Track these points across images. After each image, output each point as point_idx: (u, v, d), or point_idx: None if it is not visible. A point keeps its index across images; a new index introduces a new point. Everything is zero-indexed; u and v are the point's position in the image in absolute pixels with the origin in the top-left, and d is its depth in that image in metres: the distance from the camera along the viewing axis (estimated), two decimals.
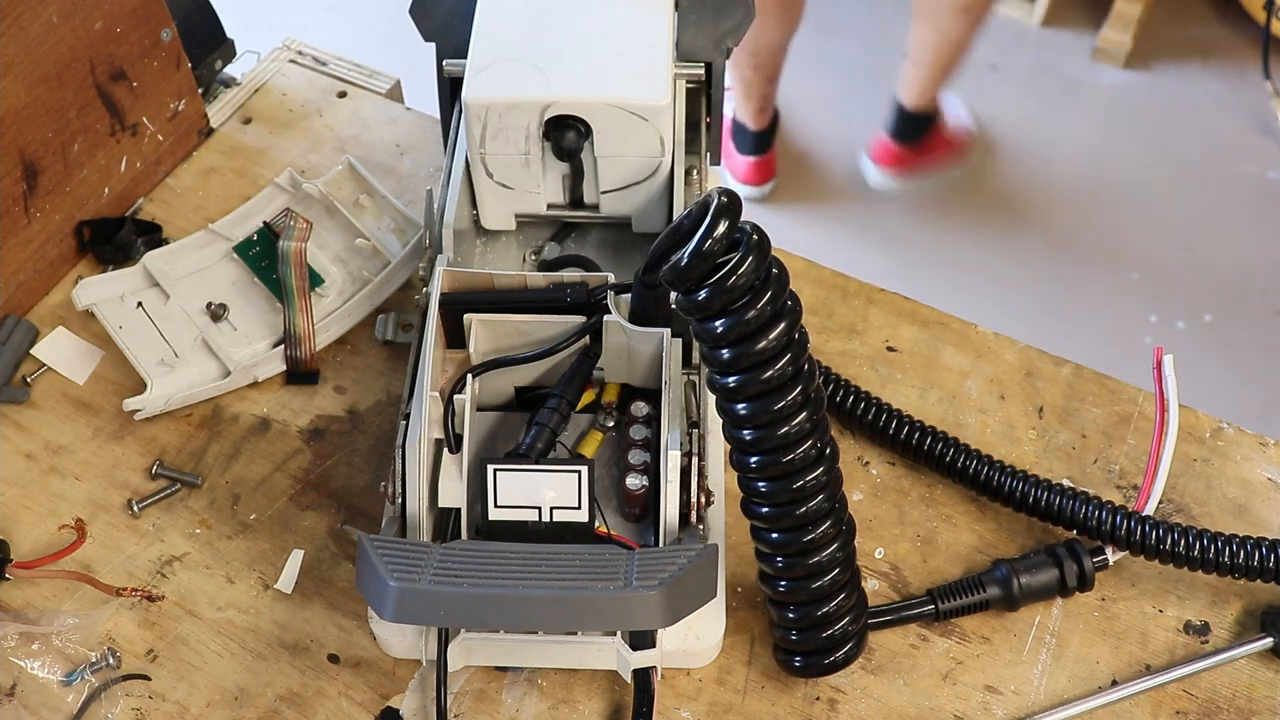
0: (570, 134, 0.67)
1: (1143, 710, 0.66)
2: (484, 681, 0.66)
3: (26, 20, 0.74)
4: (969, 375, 0.78)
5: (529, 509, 0.61)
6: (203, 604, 0.69)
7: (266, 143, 0.90)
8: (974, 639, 0.68)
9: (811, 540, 0.59)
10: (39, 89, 0.76)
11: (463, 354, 0.67)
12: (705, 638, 0.65)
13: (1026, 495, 0.69)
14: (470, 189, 0.72)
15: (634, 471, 0.65)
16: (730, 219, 0.54)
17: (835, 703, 0.66)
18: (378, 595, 0.56)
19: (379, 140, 0.90)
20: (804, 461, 0.58)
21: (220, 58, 0.93)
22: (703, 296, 0.54)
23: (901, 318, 0.81)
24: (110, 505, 0.73)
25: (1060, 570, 0.67)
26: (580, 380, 0.66)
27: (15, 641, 0.67)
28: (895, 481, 0.74)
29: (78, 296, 0.78)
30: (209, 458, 0.75)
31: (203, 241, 0.81)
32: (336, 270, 0.80)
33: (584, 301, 0.66)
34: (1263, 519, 0.72)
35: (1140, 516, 0.67)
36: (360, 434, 0.76)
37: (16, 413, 0.77)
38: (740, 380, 0.56)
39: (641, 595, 0.55)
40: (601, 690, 0.66)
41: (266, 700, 0.66)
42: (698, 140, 0.75)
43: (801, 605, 0.62)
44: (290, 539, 0.71)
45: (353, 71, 0.95)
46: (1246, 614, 0.68)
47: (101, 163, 0.83)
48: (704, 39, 0.73)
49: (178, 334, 0.77)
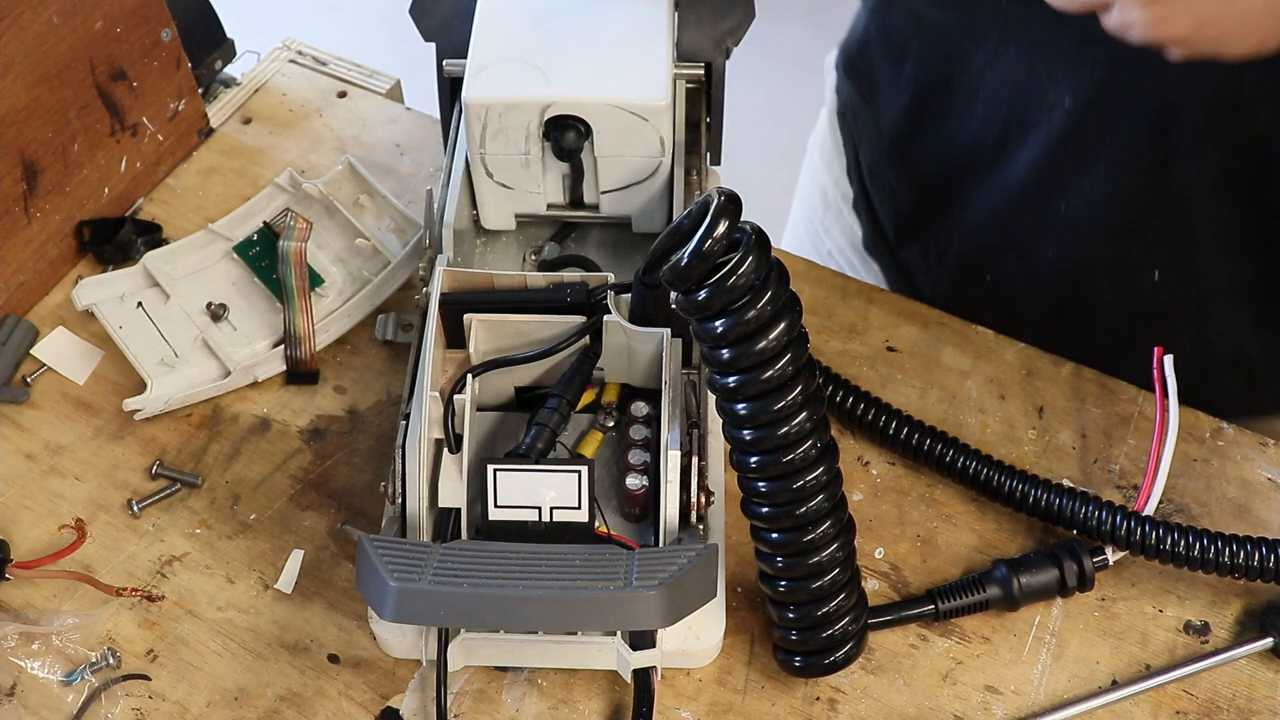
0: (570, 134, 0.67)
1: (1143, 710, 0.66)
2: (484, 681, 0.66)
3: (26, 20, 0.74)
4: (969, 375, 0.78)
5: (529, 509, 0.61)
6: (203, 604, 0.69)
7: (266, 143, 0.90)
8: (974, 639, 0.68)
9: (811, 540, 0.59)
10: (39, 89, 0.76)
11: (463, 354, 0.67)
12: (705, 638, 0.65)
13: (1026, 495, 0.69)
14: (470, 189, 0.72)
15: (634, 471, 0.65)
16: (730, 219, 0.54)
17: (835, 703, 0.66)
18: (378, 595, 0.56)
19: (379, 140, 0.90)
20: (804, 461, 0.58)
21: (220, 58, 0.93)
22: (703, 296, 0.54)
23: (901, 318, 0.81)
24: (110, 505, 0.73)
25: (1060, 570, 0.67)
26: (580, 380, 0.66)
27: (15, 641, 0.67)
28: (895, 481, 0.74)
29: (78, 296, 0.78)
30: (209, 458, 0.75)
31: (203, 241, 0.81)
32: (336, 270, 0.80)
33: (584, 301, 0.66)
34: (1263, 519, 0.72)
35: (1140, 516, 0.67)
36: (360, 434, 0.76)
37: (16, 413, 0.77)
38: (740, 380, 0.56)
39: (641, 595, 0.55)
40: (601, 690, 0.66)
41: (266, 700, 0.66)
42: (698, 140, 0.75)
43: (801, 605, 0.62)
44: (290, 539, 0.71)
45: (353, 71, 0.95)
46: (1246, 614, 0.68)
47: (101, 163, 0.83)
48: (704, 39, 0.73)
49: (178, 334, 0.77)
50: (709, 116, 0.76)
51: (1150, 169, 0.74)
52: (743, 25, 0.74)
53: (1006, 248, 0.82)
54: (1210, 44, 0.54)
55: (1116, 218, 0.77)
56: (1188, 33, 0.53)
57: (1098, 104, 0.72)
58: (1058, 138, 0.75)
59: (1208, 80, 0.68)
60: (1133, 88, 0.70)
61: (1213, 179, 0.74)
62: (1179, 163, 0.73)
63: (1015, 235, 0.81)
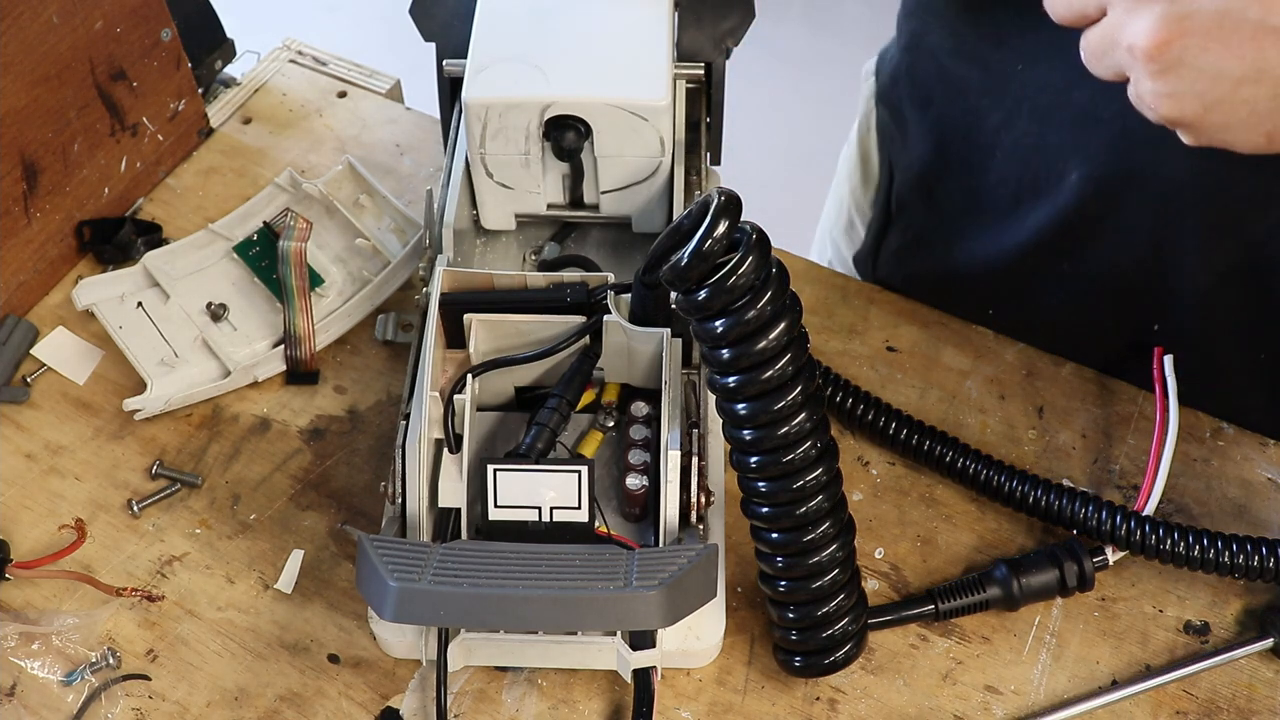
0: (570, 134, 0.67)
1: (1143, 710, 0.66)
2: (484, 681, 0.66)
3: (26, 20, 0.74)
4: (969, 375, 0.78)
5: (529, 509, 0.61)
6: (203, 604, 0.69)
7: (266, 143, 0.90)
8: (974, 639, 0.68)
9: (811, 540, 0.59)
10: (39, 89, 0.76)
11: (463, 354, 0.67)
12: (705, 638, 0.65)
13: (1026, 495, 0.69)
14: (470, 189, 0.72)
15: (634, 471, 0.65)
16: (730, 219, 0.54)
17: (835, 703, 0.66)
18: (378, 595, 0.56)
19: (379, 140, 0.90)
20: (804, 461, 0.58)
21: (220, 58, 0.93)
22: (703, 296, 0.54)
23: (901, 318, 0.81)
24: (110, 505, 0.73)
25: (1060, 570, 0.67)
26: (580, 380, 0.66)
27: (15, 641, 0.67)
28: (895, 481, 0.74)
29: (78, 296, 0.78)
30: (209, 458, 0.75)
31: (203, 241, 0.81)
32: (336, 270, 0.80)
33: (584, 301, 0.66)
34: (1263, 519, 0.72)
35: (1140, 516, 0.67)
36: (360, 434, 0.76)
37: (16, 413, 0.77)
38: (740, 380, 0.56)
39: (641, 595, 0.55)
40: (601, 690, 0.66)
41: (266, 700, 0.66)
42: (698, 140, 0.75)
43: (801, 605, 0.62)
44: (290, 539, 0.71)
45: (353, 71, 0.95)
46: (1246, 614, 0.68)
47: (101, 163, 0.83)
48: (704, 39, 0.73)
49: (178, 334, 0.77)
50: (709, 116, 0.76)
51: (1154, 253, 0.74)
52: (743, 25, 0.74)
53: (1008, 295, 0.82)
54: (1219, 131, 0.53)
55: (1122, 284, 0.77)
56: (1196, 115, 0.53)
57: (1103, 183, 0.72)
58: (1066, 208, 0.75)
59: (1211, 178, 0.68)
60: (1138, 174, 0.71)
61: (1222, 271, 0.73)
62: (1184, 251, 0.73)
63: (1019, 285, 0.81)
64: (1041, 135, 0.74)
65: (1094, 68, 0.56)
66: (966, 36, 0.77)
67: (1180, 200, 0.70)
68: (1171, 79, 0.52)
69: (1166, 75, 0.52)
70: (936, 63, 0.81)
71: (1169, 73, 0.52)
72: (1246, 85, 0.51)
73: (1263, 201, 0.68)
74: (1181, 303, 0.75)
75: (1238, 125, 0.53)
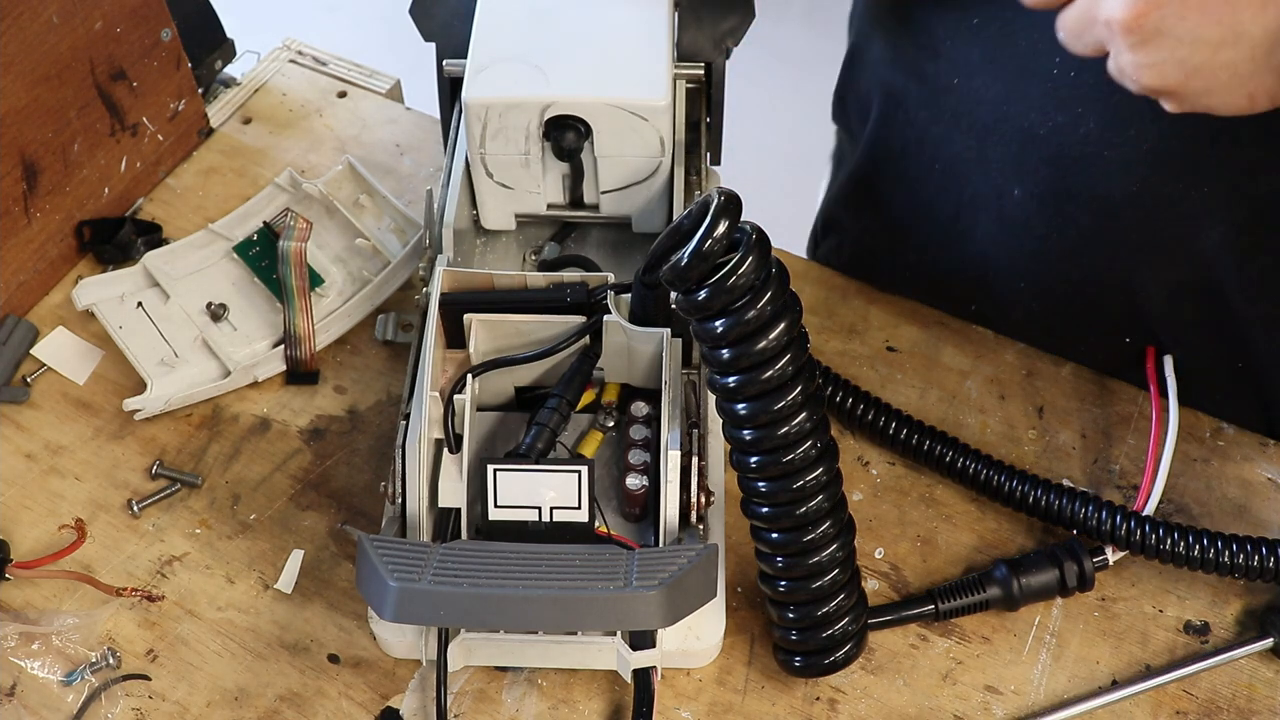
0: (570, 134, 0.67)
1: (1143, 710, 0.66)
2: (484, 681, 0.66)
3: (26, 20, 0.74)
4: (969, 375, 0.78)
5: (529, 509, 0.61)
6: (203, 604, 0.69)
7: (266, 143, 0.90)
8: (974, 639, 0.68)
9: (811, 540, 0.59)
10: (39, 89, 0.76)
11: (463, 354, 0.67)
12: (705, 638, 0.65)
13: (1026, 495, 0.69)
14: (470, 189, 0.72)
15: (634, 471, 0.65)
16: (730, 219, 0.54)
17: (835, 703, 0.66)
18: (378, 595, 0.56)
19: (379, 140, 0.90)
20: (804, 461, 0.58)
21: (220, 58, 0.93)
22: (703, 296, 0.54)
23: (901, 318, 0.81)
24: (110, 505, 0.73)
25: (1060, 570, 0.67)
26: (580, 380, 0.66)
27: (15, 641, 0.67)
28: (895, 481, 0.74)
29: (78, 296, 0.78)
30: (209, 458, 0.75)
31: (203, 241, 0.81)
32: (336, 270, 0.80)
33: (584, 301, 0.66)
34: (1263, 519, 0.72)
35: (1140, 516, 0.67)
36: (360, 434, 0.76)
37: (16, 413, 0.77)
38: (740, 380, 0.56)
39: (641, 595, 0.55)
40: (601, 690, 0.66)
41: (266, 700, 0.66)
42: (698, 140, 0.75)
43: (801, 605, 0.62)
44: (290, 539, 0.71)
45: (353, 71, 0.95)
46: (1246, 614, 0.68)
47: (101, 163, 0.83)
48: (704, 39, 0.73)
49: (178, 334, 0.77)
50: (709, 116, 0.76)
51: (1107, 270, 0.73)
52: (743, 25, 0.74)
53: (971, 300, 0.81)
54: (1202, 96, 0.54)
55: (1085, 297, 0.76)
56: (1178, 82, 0.53)
57: (1044, 200, 0.72)
58: (1009, 224, 0.74)
59: (1149, 197, 0.68)
60: (1075, 193, 0.70)
61: (1173, 288, 0.72)
62: (1133, 267, 0.72)
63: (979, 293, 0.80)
64: (981, 150, 0.73)
65: (1073, 46, 0.56)
66: (904, 48, 0.77)
67: (1121, 219, 0.70)
68: (1151, 49, 0.52)
69: (1146, 46, 0.52)
70: (877, 77, 0.81)
71: (1148, 43, 0.52)
72: (1225, 49, 0.52)
73: (1203, 219, 0.68)
74: (1148, 314, 0.74)
75: (1219, 89, 0.53)
